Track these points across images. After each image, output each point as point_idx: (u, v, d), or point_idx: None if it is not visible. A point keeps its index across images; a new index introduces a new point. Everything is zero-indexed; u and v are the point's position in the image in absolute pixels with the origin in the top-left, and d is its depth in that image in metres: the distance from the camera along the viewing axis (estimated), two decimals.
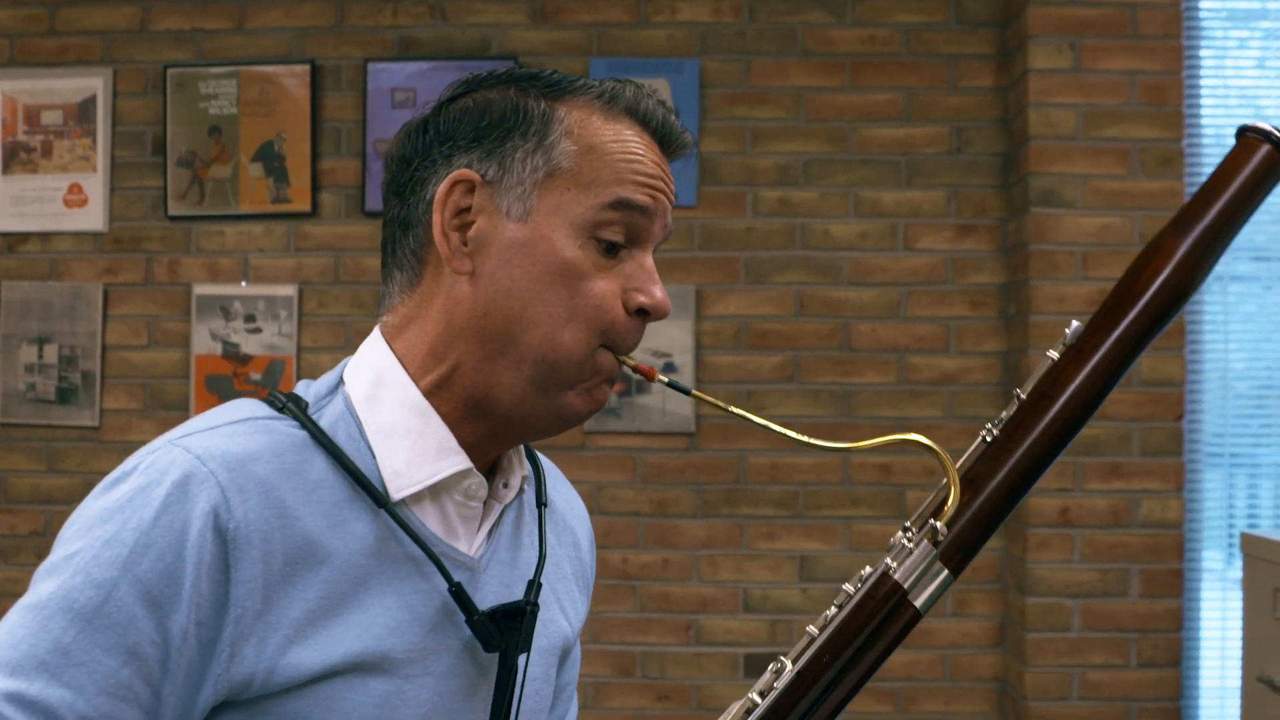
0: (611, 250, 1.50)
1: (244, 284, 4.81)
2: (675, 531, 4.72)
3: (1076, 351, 1.53)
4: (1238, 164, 1.53)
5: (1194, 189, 4.43)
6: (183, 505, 1.38)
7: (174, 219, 4.84)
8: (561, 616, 1.71)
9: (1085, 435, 4.35)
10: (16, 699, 1.34)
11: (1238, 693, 3.96)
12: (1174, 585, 4.38)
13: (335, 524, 1.46)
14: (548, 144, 1.50)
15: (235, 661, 1.40)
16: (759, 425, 1.50)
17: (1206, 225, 1.52)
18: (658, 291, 1.52)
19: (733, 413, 1.54)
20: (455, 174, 1.50)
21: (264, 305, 4.78)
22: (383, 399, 1.53)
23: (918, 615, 1.48)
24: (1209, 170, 4.46)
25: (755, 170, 4.76)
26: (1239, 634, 4.04)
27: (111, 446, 4.80)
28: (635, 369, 1.52)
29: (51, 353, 4.80)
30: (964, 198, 4.71)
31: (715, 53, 4.78)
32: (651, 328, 4.67)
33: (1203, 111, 4.54)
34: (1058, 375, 1.53)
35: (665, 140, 1.55)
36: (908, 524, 1.49)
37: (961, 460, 1.51)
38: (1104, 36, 4.43)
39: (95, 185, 4.85)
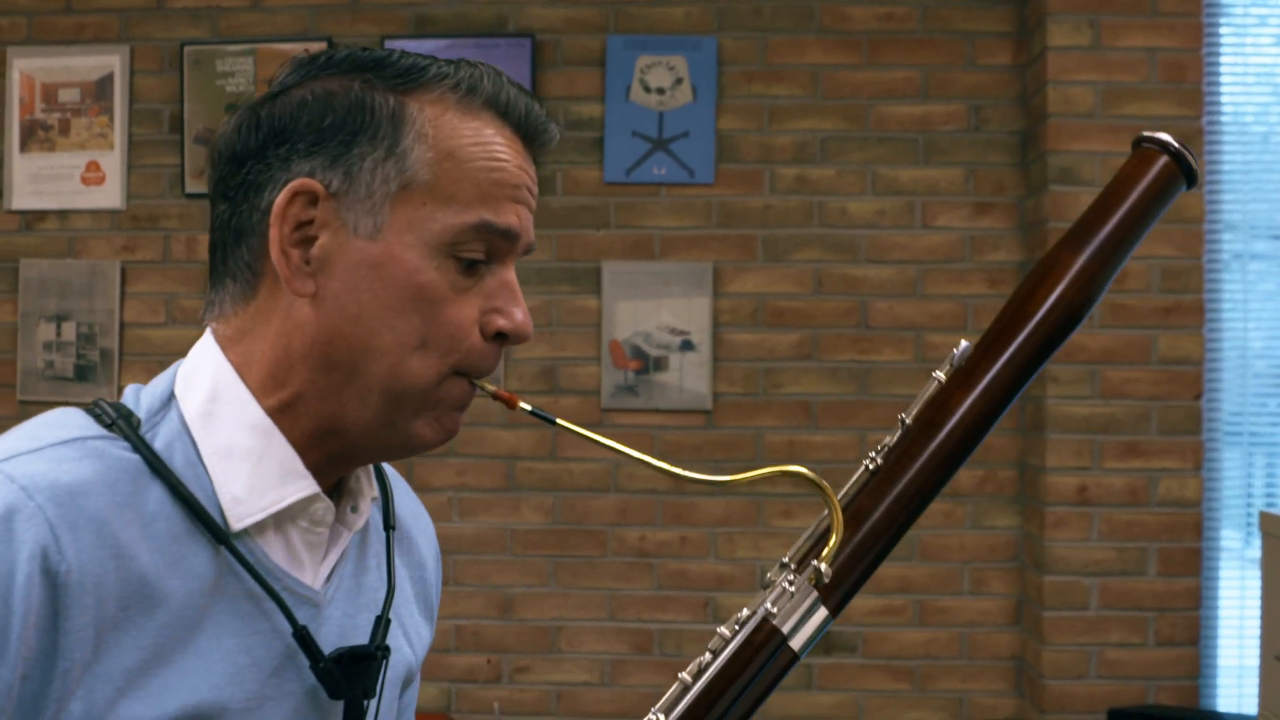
0: (471, 268, 1.36)
1: None
2: (692, 509, 4.72)
3: (965, 375, 1.44)
4: (1135, 176, 1.45)
5: (1213, 168, 4.42)
6: (8, 545, 1.23)
7: (191, 196, 4.84)
8: (406, 645, 1.59)
9: (1103, 413, 4.34)
10: None
11: (1255, 671, 3.96)
12: (1192, 564, 4.37)
13: (172, 561, 1.31)
14: (400, 151, 1.34)
15: (61, 718, 1.25)
16: (625, 455, 1.43)
17: (1102, 240, 1.44)
18: (519, 314, 1.40)
19: (601, 444, 1.46)
20: (296, 184, 1.34)
21: None
22: (220, 415, 1.38)
23: (796, 658, 1.41)
24: (1228, 149, 4.44)
25: (772, 148, 4.75)
26: (1257, 613, 4.03)
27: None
28: (495, 396, 1.41)
29: (70, 330, 4.81)
30: (982, 175, 4.69)
31: (732, 30, 4.77)
32: (671, 305, 4.66)
33: (1222, 90, 4.52)
34: (945, 401, 1.44)
35: (529, 135, 1.41)
36: (786, 559, 1.42)
37: (844, 490, 1.44)
38: (1123, 14, 4.41)
39: (113, 163, 4.85)
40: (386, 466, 1.62)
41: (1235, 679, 4.46)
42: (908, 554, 4.67)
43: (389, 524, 1.55)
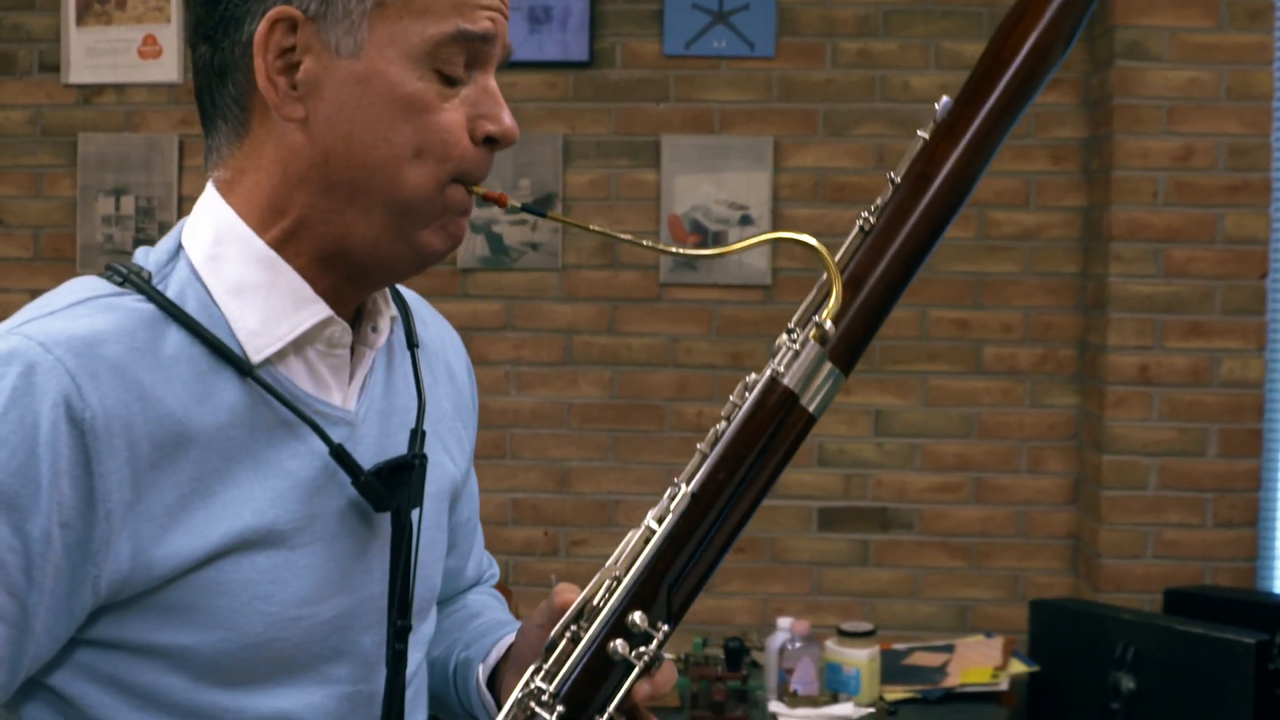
0: (451, 80, 1.40)
1: None
2: None
3: (949, 128, 1.44)
4: None
5: None
6: (30, 398, 1.27)
7: None
8: (447, 459, 1.64)
9: (1166, 292, 4.30)
10: None
11: None
12: (1253, 445, 4.34)
13: (199, 399, 1.35)
14: None
15: (109, 561, 1.30)
16: (626, 241, 1.45)
17: None
18: (506, 117, 1.43)
19: (593, 230, 1.49)
20: (274, 11, 1.36)
21: None
22: (226, 256, 1.41)
23: (811, 420, 1.42)
24: None
25: (834, 21, 4.68)
26: None
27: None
28: (485, 197, 1.44)
29: (128, 204, 4.82)
30: None
31: None
32: (730, 180, 4.63)
33: None
34: (932, 154, 1.44)
35: None
36: (791, 325, 1.42)
37: (840, 253, 1.44)
38: None
39: (169, 36, 4.83)
40: (406, 290, 1.67)
41: None
42: (965, 431, 4.66)
43: (412, 343, 1.60)
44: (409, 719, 1.54)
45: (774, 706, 3.69)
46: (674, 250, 1.46)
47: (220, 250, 1.42)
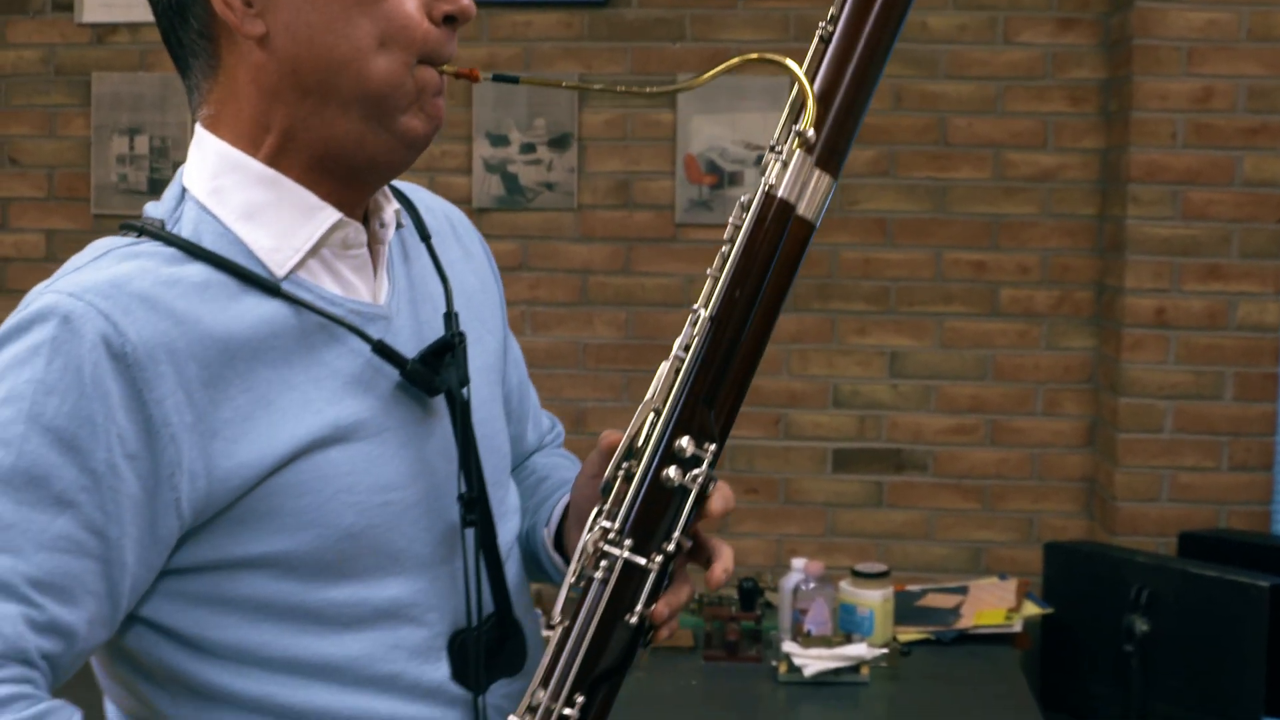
0: None
1: None
2: None
3: None
4: None
5: None
6: (71, 342, 1.34)
7: None
8: (485, 333, 1.72)
9: (1183, 235, 4.28)
10: None
11: None
12: (1269, 389, 4.33)
13: (233, 318, 1.42)
14: None
15: (185, 482, 1.38)
16: (599, 90, 1.47)
17: None
18: None
19: (565, 86, 1.58)
20: None
21: None
22: (228, 186, 1.48)
23: (811, 227, 1.47)
24: None
25: None
26: None
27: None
28: (456, 74, 1.50)
29: (143, 144, 4.81)
30: None
31: None
32: (746, 120, 4.61)
33: None
34: None
35: None
36: (773, 142, 1.47)
37: (805, 63, 1.47)
38: None
39: None
40: (402, 184, 1.72)
41: None
42: (981, 373, 4.65)
43: (424, 234, 1.67)
44: (514, 588, 1.62)
45: (787, 647, 3.70)
46: (650, 90, 1.56)
47: (221, 182, 1.49)
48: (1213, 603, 3.75)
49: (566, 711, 1.43)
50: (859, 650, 3.67)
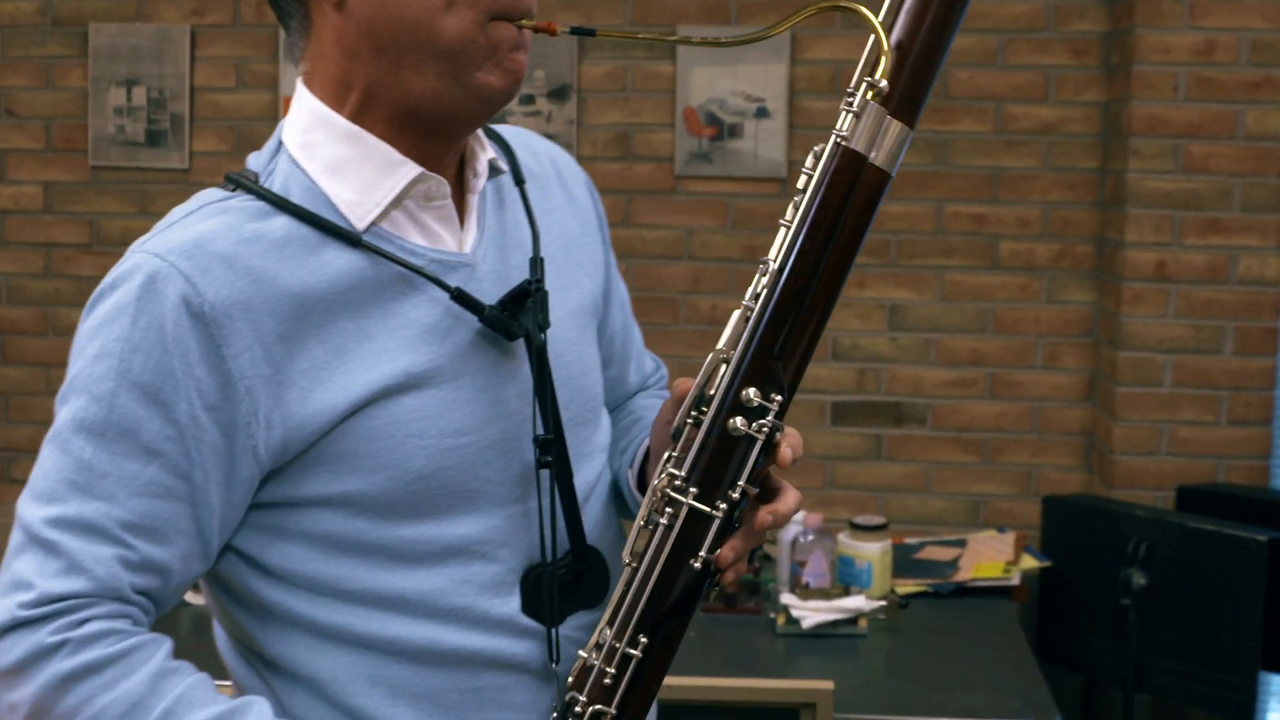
0: None
1: None
2: None
3: None
4: None
5: None
6: (154, 303, 1.45)
7: None
8: (582, 275, 1.78)
9: (1184, 188, 4.26)
10: (57, 522, 1.43)
11: None
12: (1269, 343, 4.33)
13: (314, 273, 1.51)
14: None
15: (261, 430, 1.49)
16: (676, 42, 1.50)
17: None
18: None
19: (641, 38, 1.62)
20: None
21: None
22: (316, 141, 1.57)
23: (886, 176, 1.51)
24: None
25: None
26: None
27: (202, 189, 4.80)
28: (535, 28, 1.54)
29: (140, 95, 4.79)
30: None
31: None
32: (747, 72, 4.59)
33: None
34: None
35: None
36: (849, 91, 1.50)
37: (882, 14, 1.49)
38: None
39: None
40: (505, 128, 1.79)
41: None
42: (980, 326, 4.65)
43: (519, 179, 1.73)
44: (596, 525, 1.71)
45: (786, 599, 3.71)
46: (720, 41, 1.63)
47: (310, 136, 1.57)
48: (1210, 557, 3.76)
49: (630, 651, 1.51)
50: (857, 603, 3.69)
